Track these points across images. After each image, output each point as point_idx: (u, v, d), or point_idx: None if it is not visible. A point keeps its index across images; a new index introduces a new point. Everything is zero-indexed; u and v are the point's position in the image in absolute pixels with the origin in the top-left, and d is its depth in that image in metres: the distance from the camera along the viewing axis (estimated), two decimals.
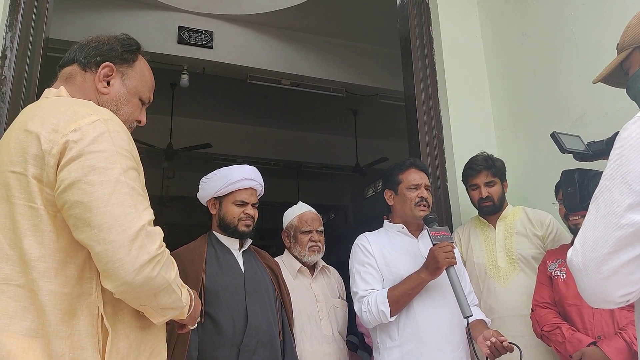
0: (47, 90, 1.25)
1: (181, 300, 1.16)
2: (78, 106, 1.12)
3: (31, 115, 1.11)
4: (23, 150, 1.06)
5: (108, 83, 1.27)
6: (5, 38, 2.23)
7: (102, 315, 1.06)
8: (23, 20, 2.29)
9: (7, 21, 2.25)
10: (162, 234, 1.09)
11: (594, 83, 1.35)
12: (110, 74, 1.27)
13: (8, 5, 2.27)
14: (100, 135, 1.06)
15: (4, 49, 2.22)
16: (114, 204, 1.02)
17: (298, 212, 2.50)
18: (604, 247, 0.87)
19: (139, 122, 1.35)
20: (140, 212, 1.05)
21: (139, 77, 1.32)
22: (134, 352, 1.11)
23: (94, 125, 1.07)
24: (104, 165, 1.04)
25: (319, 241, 2.43)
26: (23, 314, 1.00)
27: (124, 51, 1.30)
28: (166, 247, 1.11)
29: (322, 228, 2.49)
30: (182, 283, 1.20)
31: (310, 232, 2.42)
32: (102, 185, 1.02)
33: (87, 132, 1.05)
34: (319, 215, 2.55)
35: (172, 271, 1.10)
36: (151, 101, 1.37)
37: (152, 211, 1.10)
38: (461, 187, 2.58)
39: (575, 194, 1.19)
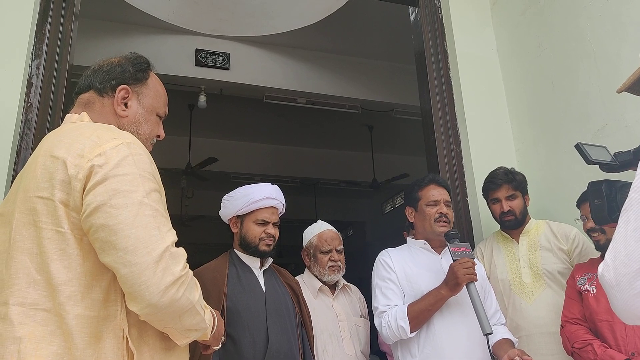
0: (68, 115, 1.27)
1: (204, 321, 1.16)
2: (102, 131, 1.14)
3: (57, 142, 1.13)
4: (50, 175, 1.08)
5: (126, 105, 1.29)
6: (31, 66, 2.30)
7: (127, 337, 1.06)
8: (48, 49, 2.36)
9: (32, 50, 2.32)
10: (185, 255, 1.10)
11: (619, 92, 1.33)
12: (127, 95, 1.29)
13: (34, 35, 2.34)
14: (124, 159, 1.08)
15: (30, 77, 2.29)
16: (139, 226, 1.03)
17: (317, 231, 2.48)
18: (636, 261, 0.85)
19: (159, 136, 1.37)
20: (163, 233, 1.06)
21: (154, 94, 1.34)
22: None
23: (118, 149, 1.09)
24: (128, 188, 1.06)
25: (339, 260, 2.41)
26: (50, 338, 1.01)
27: (136, 71, 1.32)
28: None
29: (341, 247, 2.47)
30: (205, 304, 1.20)
31: (330, 251, 2.40)
32: (126, 208, 1.04)
33: (111, 156, 1.08)
34: (338, 233, 2.53)
35: (195, 292, 1.11)
36: (167, 114, 1.39)
37: (174, 232, 1.11)
38: (481, 202, 2.56)
39: (603, 205, 1.16)
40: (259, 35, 5.25)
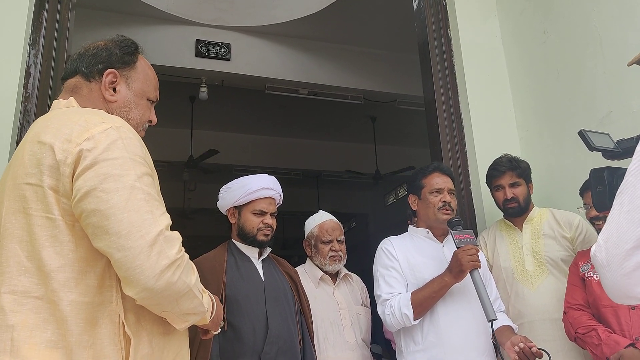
0: (55, 101, 1.25)
1: (203, 305, 1.15)
2: (89, 115, 1.12)
3: (44, 127, 1.11)
4: (38, 161, 1.06)
5: (114, 90, 1.26)
6: (28, 56, 2.28)
7: (123, 323, 1.06)
8: (45, 38, 2.34)
9: (30, 39, 2.30)
10: (180, 239, 1.09)
11: (629, 65, 1.32)
12: (115, 80, 1.26)
13: (31, 23, 2.32)
14: (113, 143, 1.06)
15: (28, 67, 2.27)
16: (131, 210, 1.02)
17: (319, 221, 2.49)
18: (627, 242, 0.86)
19: (150, 121, 1.34)
20: (157, 217, 1.05)
21: (143, 78, 1.31)
22: (157, 358, 1.10)
23: (107, 133, 1.07)
24: (119, 172, 1.04)
25: (340, 250, 2.42)
26: (43, 325, 1.00)
27: (124, 54, 1.28)
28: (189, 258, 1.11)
29: (343, 237, 2.47)
30: (203, 288, 1.19)
31: (330, 241, 2.41)
32: (117, 192, 1.02)
33: (100, 140, 1.06)
34: (340, 223, 2.53)
35: (192, 276, 1.10)
36: (158, 99, 1.36)
37: (169, 216, 1.10)
38: (485, 190, 2.54)
39: (604, 192, 1.16)
40: (260, 25, 5.22)
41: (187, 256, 1.09)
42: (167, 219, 1.08)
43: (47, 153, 1.05)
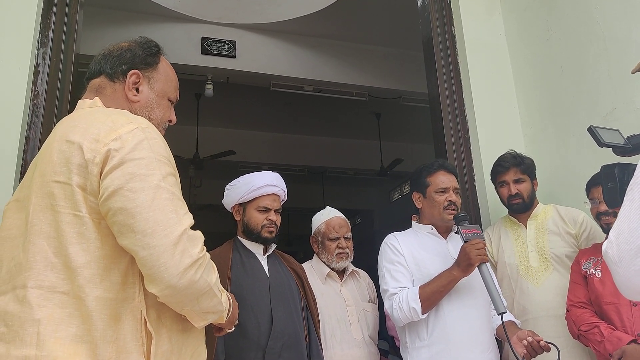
0: (80, 101, 1.28)
1: (222, 304, 1.17)
2: (116, 116, 1.15)
3: (72, 127, 1.14)
4: (66, 160, 1.08)
5: (137, 90, 1.29)
6: (37, 55, 2.31)
7: (145, 319, 1.08)
8: (54, 37, 2.36)
9: (38, 38, 2.33)
10: (202, 238, 1.11)
11: (633, 73, 1.31)
12: (138, 80, 1.29)
13: (39, 22, 2.35)
14: (140, 143, 1.09)
15: (37, 65, 2.30)
16: (156, 209, 1.04)
17: (325, 217, 2.49)
18: (638, 238, 0.86)
19: (170, 121, 1.37)
20: (181, 216, 1.07)
21: (164, 79, 1.34)
22: (175, 354, 1.12)
23: (133, 133, 1.10)
24: (145, 172, 1.06)
25: (347, 247, 2.41)
26: (68, 320, 1.02)
27: (147, 55, 1.31)
28: None
29: (349, 234, 2.47)
30: (222, 288, 1.21)
31: (337, 238, 2.41)
32: (143, 191, 1.04)
33: (127, 141, 1.08)
34: (347, 220, 2.52)
35: (213, 275, 1.12)
36: (178, 99, 1.39)
37: (191, 216, 1.12)
38: (489, 187, 2.55)
39: (615, 189, 1.16)
40: (265, 22, 5.23)
41: (208, 255, 1.12)
42: (190, 219, 1.10)
43: (75, 152, 1.08)
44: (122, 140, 1.08)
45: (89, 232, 1.06)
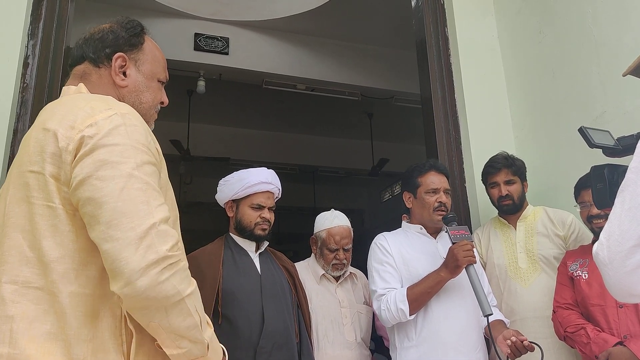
0: (65, 88, 1.20)
1: (200, 331, 1.02)
2: (96, 102, 1.08)
3: (50, 114, 1.08)
4: (41, 149, 1.02)
5: (124, 74, 1.21)
6: (27, 46, 2.28)
7: (125, 316, 1.01)
8: (44, 29, 2.34)
9: (28, 30, 2.30)
10: (176, 237, 1.01)
11: (624, 76, 1.32)
12: (124, 64, 1.21)
13: (30, 14, 2.32)
14: (115, 129, 1.01)
15: (26, 57, 2.27)
16: (125, 199, 0.96)
17: (329, 225, 2.40)
18: (629, 240, 0.86)
19: (162, 103, 1.30)
20: (153, 208, 0.98)
21: (152, 59, 1.26)
22: (161, 354, 1.04)
23: (110, 119, 1.02)
24: (117, 159, 0.99)
25: (344, 259, 2.36)
26: (43, 317, 0.97)
27: (130, 36, 1.23)
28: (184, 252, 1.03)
29: (350, 245, 2.39)
30: (209, 320, 1.11)
31: (336, 250, 2.35)
32: (113, 180, 0.97)
33: (102, 126, 1.01)
34: (350, 228, 2.43)
35: (187, 285, 0.99)
36: (168, 79, 1.31)
37: (166, 209, 1.02)
38: (480, 188, 2.56)
39: (605, 189, 1.16)
40: (258, 19, 5.21)
41: (185, 262, 1.01)
42: (164, 211, 1.00)
43: (50, 140, 1.02)
44: (98, 126, 1.01)
45: (62, 224, 1.00)
